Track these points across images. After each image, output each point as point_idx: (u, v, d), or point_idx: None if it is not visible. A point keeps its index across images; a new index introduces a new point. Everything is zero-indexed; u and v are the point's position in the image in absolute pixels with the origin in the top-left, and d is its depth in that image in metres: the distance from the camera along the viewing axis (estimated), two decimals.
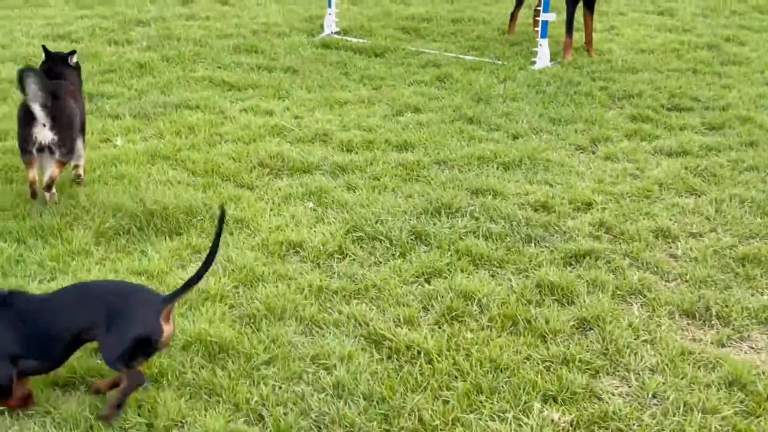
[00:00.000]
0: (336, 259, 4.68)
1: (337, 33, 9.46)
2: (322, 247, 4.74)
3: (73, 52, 5.63)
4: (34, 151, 5.07)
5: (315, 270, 4.55)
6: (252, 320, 4.06)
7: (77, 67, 5.63)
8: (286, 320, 4.06)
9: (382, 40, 9.18)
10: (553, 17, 8.46)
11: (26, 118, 5.05)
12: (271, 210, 5.25)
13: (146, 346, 3.39)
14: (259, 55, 8.58)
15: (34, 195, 5.16)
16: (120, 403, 3.40)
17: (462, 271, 4.50)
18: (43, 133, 5.03)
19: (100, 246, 4.79)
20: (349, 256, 4.70)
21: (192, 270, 4.53)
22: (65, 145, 5.12)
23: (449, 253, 4.69)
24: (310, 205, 5.33)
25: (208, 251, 3.57)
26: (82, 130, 5.51)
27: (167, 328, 3.43)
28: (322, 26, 9.62)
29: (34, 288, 4.28)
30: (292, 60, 8.40)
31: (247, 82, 7.73)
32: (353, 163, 5.92)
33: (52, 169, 5.13)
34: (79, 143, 5.38)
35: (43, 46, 5.72)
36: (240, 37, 9.15)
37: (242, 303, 4.22)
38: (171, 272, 4.50)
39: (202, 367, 3.70)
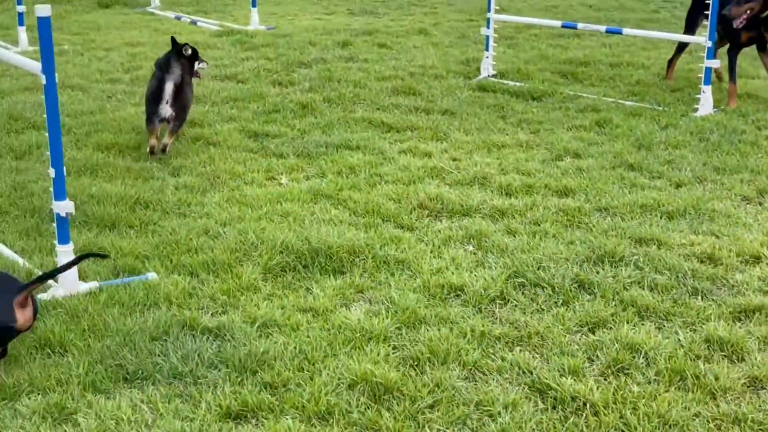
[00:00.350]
0: (498, 305, 4.68)
1: (494, 76, 9.52)
2: (483, 292, 4.76)
3: (186, 44, 7.29)
4: (157, 123, 6.86)
5: (477, 315, 4.56)
6: (416, 363, 4.10)
7: (188, 57, 7.23)
8: (450, 364, 4.09)
9: (539, 83, 9.18)
10: (717, 64, 8.28)
11: (155, 97, 6.84)
12: (431, 252, 5.30)
13: (5, 334, 3.89)
14: (416, 97, 8.71)
15: (152, 153, 6.87)
16: None
17: (627, 323, 4.43)
18: (165, 109, 6.83)
19: (268, 282, 4.94)
20: (511, 302, 4.70)
21: (355, 309, 4.63)
22: (179, 120, 6.95)
23: (614, 303, 4.63)
24: (470, 248, 5.37)
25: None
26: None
27: (21, 315, 3.89)
28: (478, 69, 9.70)
29: (207, 321, 4.45)
30: (449, 102, 8.50)
31: (405, 123, 7.85)
32: (513, 208, 5.93)
33: (168, 138, 6.92)
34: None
35: (172, 37, 7.42)
36: (398, 80, 9.31)
37: (405, 345, 4.27)
38: (335, 311, 4.61)
39: (368, 408, 3.77)
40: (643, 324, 4.43)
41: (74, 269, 4.71)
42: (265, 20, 12.94)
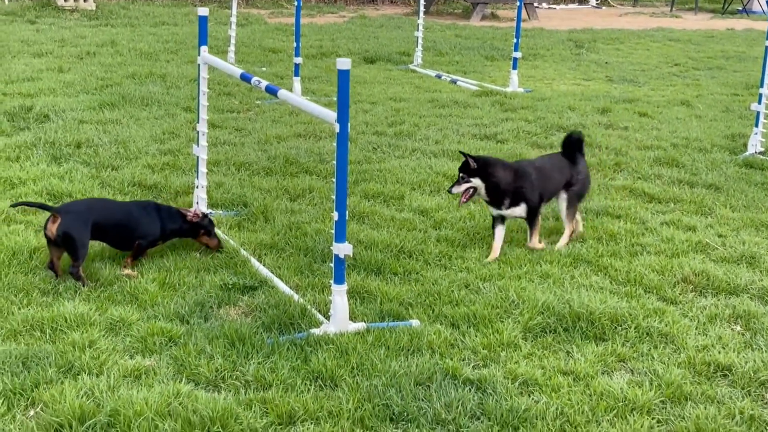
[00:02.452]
0: None
1: (762, 153, 9.17)
2: (752, 374, 4.59)
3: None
4: None
5: (746, 397, 4.41)
6: None
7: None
8: None
9: None
10: None
11: None
12: (696, 328, 5.18)
13: None
14: (679, 169, 8.54)
15: None
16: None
17: None
18: None
19: (527, 341, 4.99)
20: None
21: (617, 378, 4.58)
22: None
23: None
24: (738, 328, 5.20)
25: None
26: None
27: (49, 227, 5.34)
28: (745, 145, 9.38)
29: (469, 372, 4.55)
30: (714, 177, 8.27)
31: (668, 195, 7.71)
32: None
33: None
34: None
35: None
36: (660, 150, 9.17)
37: (670, 419, 4.19)
38: (596, 377, 4.58)
39: None
40: None
41: (346, 309, 4.94)
42: (523, 83, 13.10)
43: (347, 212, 6.83)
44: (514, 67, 12.61)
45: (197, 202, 6.59)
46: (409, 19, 20.33)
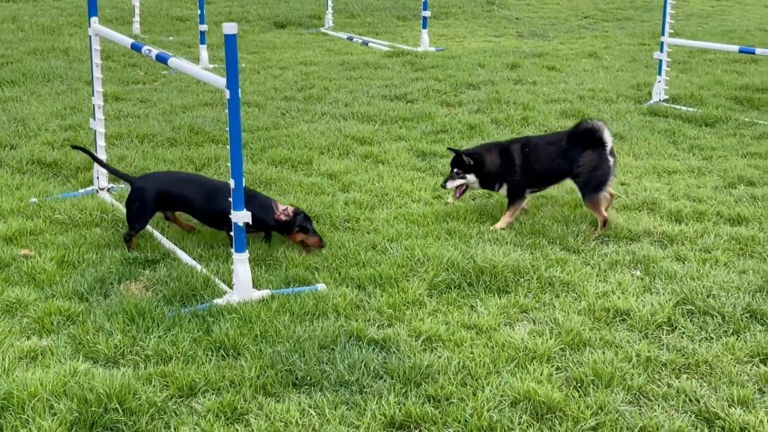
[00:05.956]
0: (665, 331, 4.60)
1: (666, 101, 9.33)
2: (650, 317, 4.69)
3: None
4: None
5: (643, 340, 4.50)
6: (579, 384, 4.09)
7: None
8: (614, 388, 4.05)
9: (713, 109, 8.94)
10: None
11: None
12: (597, 275, 5.26)
13: None
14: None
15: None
16: None
17: None
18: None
19: (433, 298, 5.02)
20: (679, 329, 4.61)
21: (518, 328, 4.64)
22: None
23: None
24: (638, 273, 5.29)
25: None
26: None
27: None
28: (650, 94, 9.53)
29: (373, 332, 4.57)
30: (619, 126, 8.39)
31: None
32: (683, 234, 5.81)
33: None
34: None
35: None
36: (566, 102, 9.26)
37: (569, 366, 4.26)
38: (499, 329, 4.64)
39: (530, 426, 3.78)
40: None
41: (248, 277, 4.91)
42: (435, 42, 13.10)
43: (253, 179, 6.82)
44: (424, 27, 12.59)
45: (97, 177, 6.47)
46: None
